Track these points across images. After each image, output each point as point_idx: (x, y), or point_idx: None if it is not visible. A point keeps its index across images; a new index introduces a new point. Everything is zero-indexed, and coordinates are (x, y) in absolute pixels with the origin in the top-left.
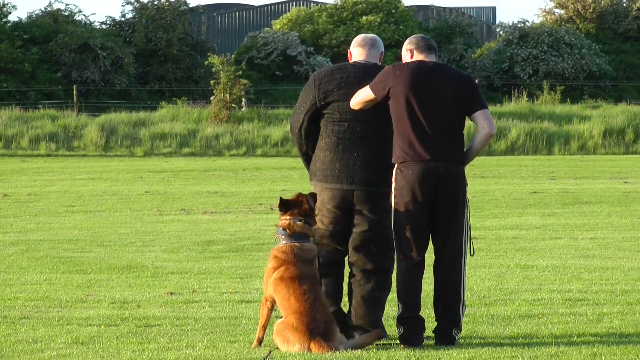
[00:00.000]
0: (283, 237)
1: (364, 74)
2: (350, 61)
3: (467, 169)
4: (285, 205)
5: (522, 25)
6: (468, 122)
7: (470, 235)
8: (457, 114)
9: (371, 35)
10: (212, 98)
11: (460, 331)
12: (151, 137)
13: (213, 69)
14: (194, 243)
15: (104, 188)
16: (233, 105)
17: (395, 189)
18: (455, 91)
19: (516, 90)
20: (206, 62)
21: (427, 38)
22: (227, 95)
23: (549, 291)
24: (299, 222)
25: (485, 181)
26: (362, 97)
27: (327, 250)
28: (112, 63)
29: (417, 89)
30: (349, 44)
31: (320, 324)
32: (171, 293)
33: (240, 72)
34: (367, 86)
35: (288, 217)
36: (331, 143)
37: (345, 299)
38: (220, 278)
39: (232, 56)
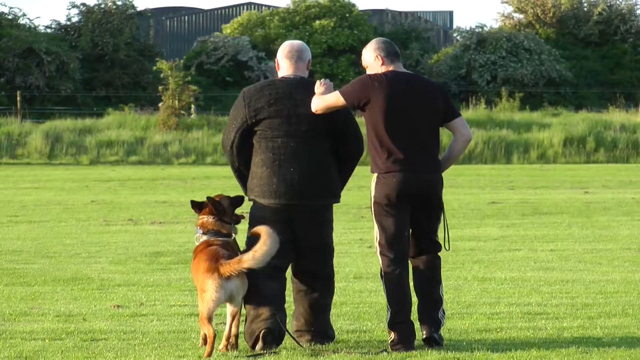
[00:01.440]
0: (199, 235)
1: (293, 89)
2: (277, 70)
3: None
4: (196, 206)
5: (480, 30)
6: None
7: (448, 231)
8: (434, 123)
9: (297, 44)
10: (160, 104)
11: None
12: (97, 144)
13: (161, 75)
14: (142, 254)
15: (48, 197)
16: (182, 112)
17: (375, 197)
18: (432, 102)
19: (474, 97)
20: (154, 68)
21: (392, 43)
22: (176, 101)
23: (508, 304)
24: (211, 220)
25: (443, 191)
26: (329, 102)
27: (270, 262)
28: (57, 68)
29: (396, 101)
30: None
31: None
32: (118, 306)
33: (189, 77)
34: (337, 92)
35: (202, 217)
36: (267, 159)
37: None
38: (169, 290)
39: (181, 61)
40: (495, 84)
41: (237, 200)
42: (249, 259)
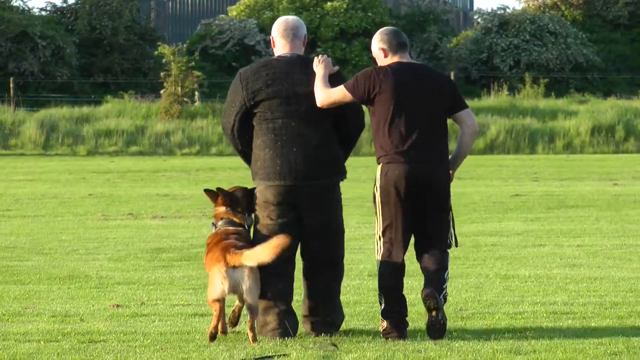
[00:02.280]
0: (212, 227)
1: (290, 68)
2: (273, 48)
3: None
4: (211, 196)
5: (502, 12)
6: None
7: (454, 227)
8: (441, 114)
9: (292, 21)
10: (162, 92)
11: (445, 301)
12: (95, 134)
13: (163, 60)
14: (143, 251)
15: (43, 190)
16: (185, 99)
17: (381, 187)
18: (439, 92)
19: (496, 83)
20: (156, 52)
21: (398, 33)
22: (179, 88)
23: (532, 304)
24: (223, 209)
25: (462, 183)
26: (336, 97)
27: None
28: (52, 53)
29: (403, 93)
30: (313, 33)
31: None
32: (117, 305)
33: (193, 63)
34: (342, 86)
35: (217, 207)
36: (268, 141)
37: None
38: (171, 289)
39: (184, 46)
40: (519, 69)
41: (252, 193)
42: (250, 259)
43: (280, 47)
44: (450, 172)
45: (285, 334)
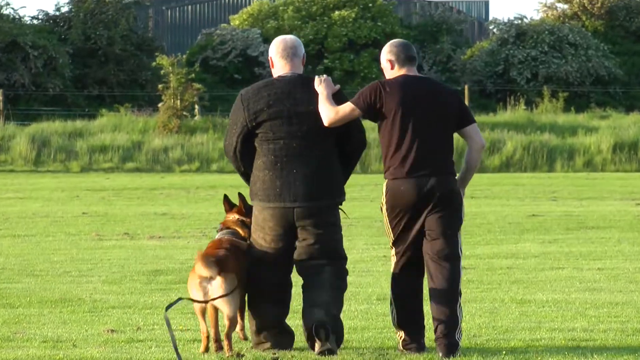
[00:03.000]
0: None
1: (292, 88)
2: (272, 68)
3: None
4: (227, 204)
5: (519, 22)
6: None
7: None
8: (447, 129)
9: (290, 40)
10: (160, 105)
11: (461, 334)
12: (89, 149)
13: (162, 72)
14: (139, 273)
15: (34, 209)
16: (185, 113)
17: (386, 202)
18: (446, 107)
19: (512, 97)
20: (154, 64)
21: (407, 46)
22: (178, 101)
23: (550, 330)
24: (234, 219)
25: (477, 202)
26: (344, 114)
27: (270, 272)
28: (44, 64)
29: (410, 106)
30: (319, 44)
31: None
32: (112, 330)
33: (193, 74)
34: (349, 102)
35: (229, 215)
36: (269, 162)
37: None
38: (170, 313)
39: (184, 56)
40: (537, 83)
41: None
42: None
43: (280, 67)
44: (460, 189)
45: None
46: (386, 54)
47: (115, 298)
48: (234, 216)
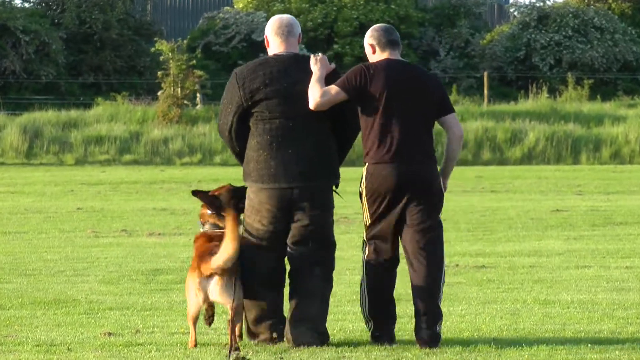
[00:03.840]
0: (200, 225)
1: (288, 67)
2: (267, 47)
3: (466, 182)
4: (199, 196)
5: (542, 4)
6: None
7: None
8: (429, 116)
9: (286, 19)
10: (159, 93)
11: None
12: (85, 141)
13: (161, 58)
14: (138, 272)
15: (26, 204)
16: (185, 102)
17: (366, 187)
18: (429, 93)
19: (534, 85)
20: (152, 49)
21: (390, 30)
22: (179, 89)
23: (575, 332)
24: (209, 212)
25: (497, 197)
26: (331, 97)
27: (265, 255)
28: (36, 50)
29: (394, 90)
30: (329, 27)
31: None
32: (109, 333)
33: (194, 61)
34: (334, 85)
35: (202, 209)
36: (263, 142)
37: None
38: (170, 315)
39: (185, 42)
40: (560, 69)
41: (241, 192)
42: (216, 263)
43: (276, 45)
44: (442, 181)
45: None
46: (368, 39)
47: (113, 299)
48: (207, 210)
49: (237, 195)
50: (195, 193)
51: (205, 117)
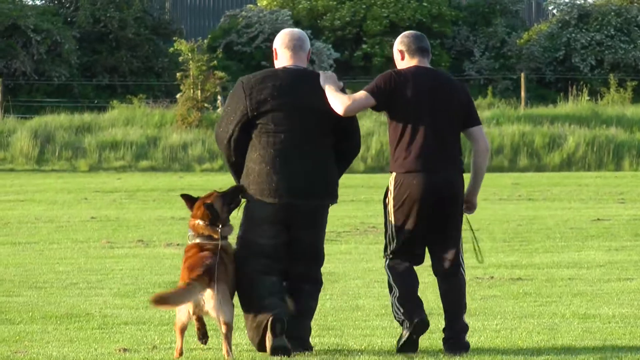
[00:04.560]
0: (191, 235)
1: (297, 81)
2: (275, 60)
3: (502, 189)
4: (189, 202)
5: (583, 2)
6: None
7: (477, 241)
8: (457, 126)
9: (297, 33)
10: (178, 96)
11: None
12: (99, 146)
13: (180, 58)
14: (155, 285)
15: (37, 213)
16: (206, 105)
17: (395, 196)
18: (458, 103)
19: (574, 87)
20: (171, 49)
21: (420, 37)
22: (198, 92)
23: (616, 349)
24: (202, 224)
25: (534, 205)
26: (361, 102)
27: (263, 265)
28: (48, 50)
29: (424, 98)
30: (358, 26)
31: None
32: (125, 350)
33: (215, 61)
34: (363, 91)
35: (193, 219)
36: (267, 155)
37: None
38: (188, 330)
39: (205, 41)
40: (602, 70)
41: (232, 197)
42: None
43: (285, 58)
44: (472, 199)
45: (282, 328)
46: (397, 45)
47: (128, 313)
48: (200, 221)
49: (227, 202)
50: (187, 198)
51: None
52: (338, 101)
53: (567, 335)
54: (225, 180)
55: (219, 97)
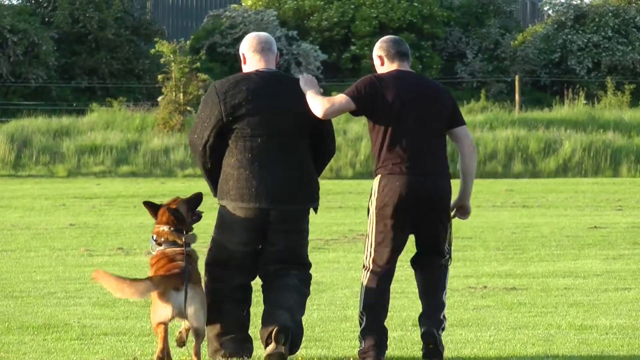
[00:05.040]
0: (153, 244)
1: (271, 84)
2: (243, 64)
3: (496, 196)
4: (152, 210)
5: (579, 2)
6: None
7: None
8: (441, 128)
9: (264, 36)
10: (160, 99)
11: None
12: (77, 150)
13: (162, 60)
14: None
15: (13, 219)
16: (188, 108)
17: (377, 199)
18: (440, 105)
19: (570, 90)
20: (152, 51)
21: (399, 42)
22: (181, 94)
23: None
24: (167, 230)
25: (529, 212)
26: (339, 106)
27: (233, 274)
28: (25, 51)
29: (406, 102)
30: (346, 27)
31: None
32: None
33: (198, 63)
34: (343, 94)
35: (158, 225)
36: (245, 160)
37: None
38: (171, 342)
39: (188, 42)
40: (599, 73)
41: (195, 203)
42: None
43: (254, 62)
44: (465, 203)
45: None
46: (376, 50)
47: (108, 323)
48: (164, 227)
49: (192, 207)
50: (150, 205)
51: None
52: (317, 103)
53: (563, 347)
54: (208, 186)
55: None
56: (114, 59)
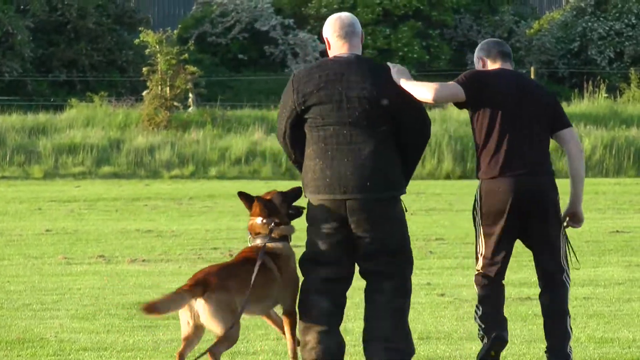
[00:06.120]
0: (251, 237)
1: (346, 69)
2: (328, 49)
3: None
4: (246, 201)
5: None
6: None
7: (570, 245)
8: (545, 129)
9: (346, 17)
10: (144, 93)
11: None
12: (55, 150)
13: (146, 51)
14: (117, 306)
15: None
16: (175, 103)
17: (482, 205)
18: (544, 106)
19: (591, 82)
20: (136, 41)
21: (500, 42)
22: (167, 89)
23: None
24: (259, 223)
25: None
26: (451, 92)
27: (321, 265)
28: None
29: (511, 101)
30: None
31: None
32: None
33: (186, 55)
34: (455, 83)
35: (252, 218)
36: (319, 150)
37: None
38: (156, 357)
39: (175, 32)
40: (621, 64)
41: (293, 195)
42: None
43: (338, 47)
44: (576, 209)
45: (324, 354)
46: (477, 52)
47: (87, 338)
48: (257, 219)
49: (289, 199)
50: (244, 196)
51: (199, 121)
52: (425, 88)
53: None
54: (197, 188)
55: (190, 95)
56: (94, 50)
